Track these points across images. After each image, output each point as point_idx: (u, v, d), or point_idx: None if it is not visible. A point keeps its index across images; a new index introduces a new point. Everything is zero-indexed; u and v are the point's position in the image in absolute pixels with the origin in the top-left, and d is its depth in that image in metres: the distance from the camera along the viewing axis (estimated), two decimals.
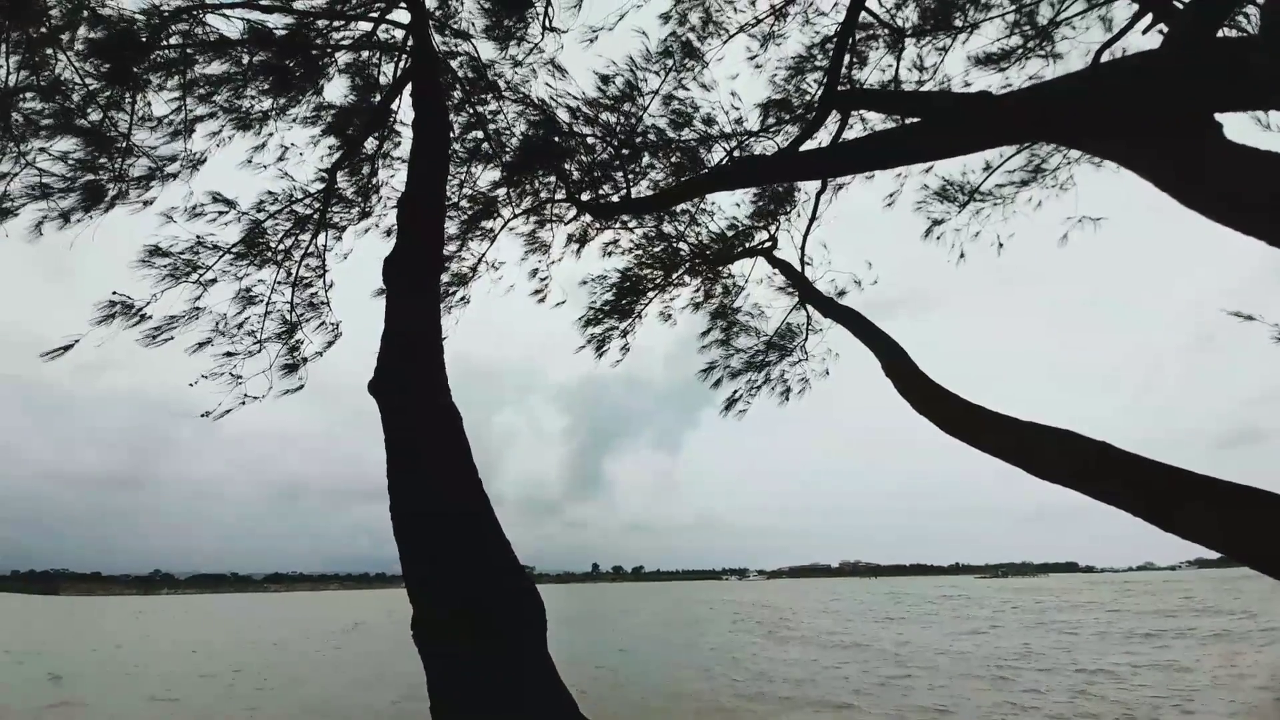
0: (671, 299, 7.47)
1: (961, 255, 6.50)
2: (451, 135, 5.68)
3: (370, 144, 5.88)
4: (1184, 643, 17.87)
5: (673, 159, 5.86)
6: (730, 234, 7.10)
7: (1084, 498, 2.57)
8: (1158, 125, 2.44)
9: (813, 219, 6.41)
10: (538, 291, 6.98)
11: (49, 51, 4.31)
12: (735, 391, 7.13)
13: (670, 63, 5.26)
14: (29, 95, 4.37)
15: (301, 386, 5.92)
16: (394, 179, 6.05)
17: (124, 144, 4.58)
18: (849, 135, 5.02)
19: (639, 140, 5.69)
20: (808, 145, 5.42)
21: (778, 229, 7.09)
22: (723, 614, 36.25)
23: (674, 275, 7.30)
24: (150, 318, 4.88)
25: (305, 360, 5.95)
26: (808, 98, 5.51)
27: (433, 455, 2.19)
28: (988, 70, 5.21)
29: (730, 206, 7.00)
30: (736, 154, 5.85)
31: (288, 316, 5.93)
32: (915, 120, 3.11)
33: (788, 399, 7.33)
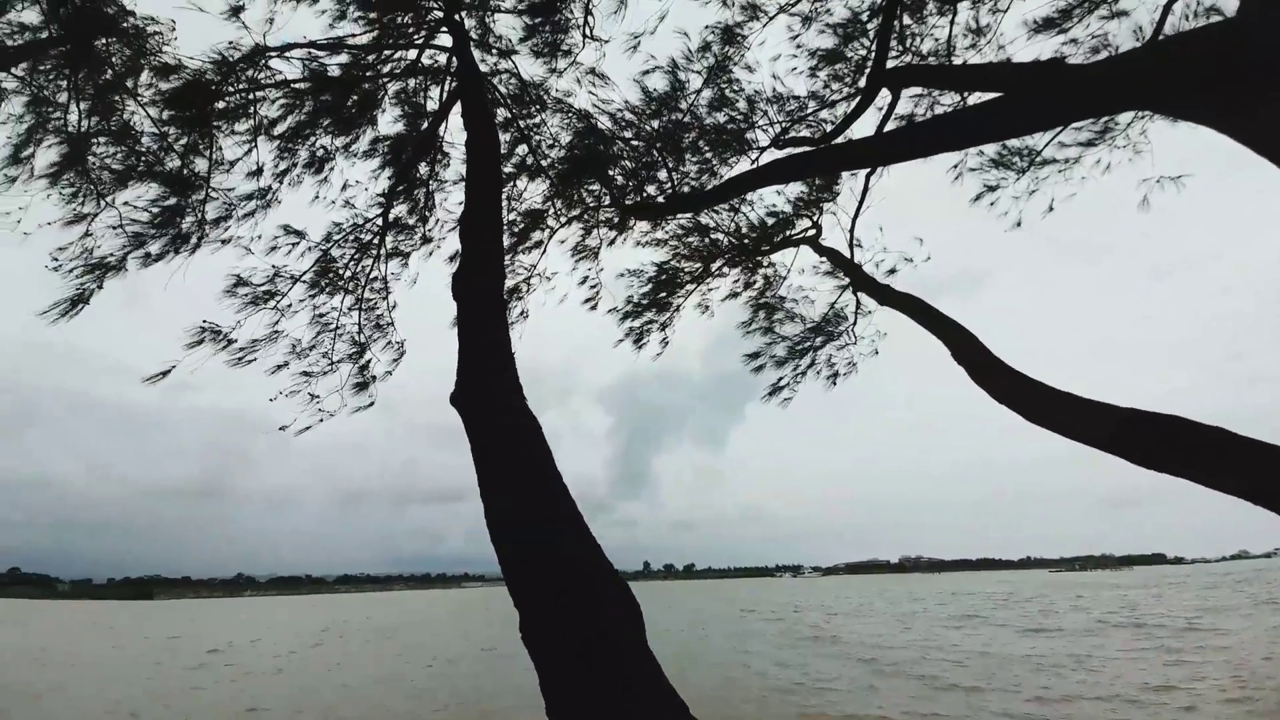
0: (710, 290, 7.43)
1: (1018, 223, 6.14)
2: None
3: (422, 168, 6.08)
4: None
5: (716, 153, 5.82)
6: (771, 223, 6.99)
7: (1169, 482, 2.41)
8: (1256, 90, 2.23)
9: (861, 202, 6.20)
10: (589, 299, 7.06)
11: (117, 98, 4.66)
12: (780, 379, 7.02)
13: (710, 56, 5.21)
14: (102, 140, 4.73)
15: (372, 404, 6.20)
16: (446, 200, 6.25)
17: (204, 189, 4.89)
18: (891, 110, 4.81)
19: (682, 139, 5.68)
20: (854, 126, 5.28)
21: (820, 216, 6.93)
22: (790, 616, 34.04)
23: (712, 267, 7.25)
24: (235, 342, 5.24)
25: (374, 379, 6.24)
26: (854, 76, 5.35)
27: (519, 463, 2.25)
28: (1048, 34, 4.89)
29: (770, 194, 6.89)
30: (781, 142, 5.74)
31: (357, 338, 6.23)
32: (983, 98, 2.94)
33: (835, 383, 7.16)
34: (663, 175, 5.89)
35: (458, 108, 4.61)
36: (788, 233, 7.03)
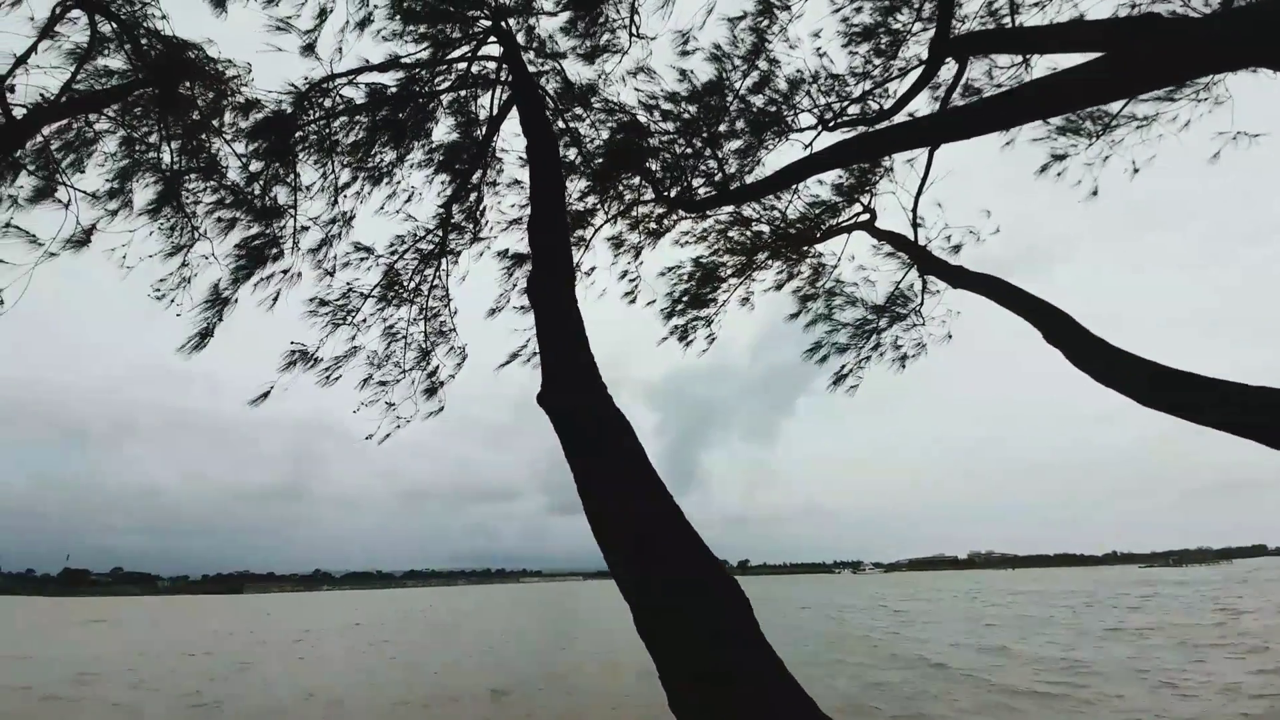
0: (754, 284, 7.27)
1: (1094, 191, 5.67)
2: None
3: (475, 174, 6.23)
4: None
5: (760, 141, 5.67)
6: (817, 212, 6.75)
7: (1272, 469, 2.10)
8: None
9: (924, 180, 5.88)
10: (628, 294, 7.06)
11: (203, 136, 4.99)
12: (844, 366, 6.79)
13: (750, 33, 5.07)
14: (192, 176, 5.09)
15: (442, 408, 6.40)
16: (500, 203, 6.37)
17: (287, 216, 5.18)
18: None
19: (725, 129, 5.56)
20: (911, 100, 5.00)
21: (872, 199, 6.64)
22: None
23: (755, 259, 7.09)
24: (321, 360, 5.55)
25: (441, 384, 6.47)
26: (904, 48, 5.08)
27: (614, 460, 2.28)
28: None
29: (812, 181, 6.65)
30: (832, 124, 5.53)
31: (423, 345, 6.47)
32: (1063, 66, 2.71)
33: (904, 365, 6.86)
34: (706, 167, 5.80)
35: (511, 113, 4.67)
36: (837, 219, 6.78)
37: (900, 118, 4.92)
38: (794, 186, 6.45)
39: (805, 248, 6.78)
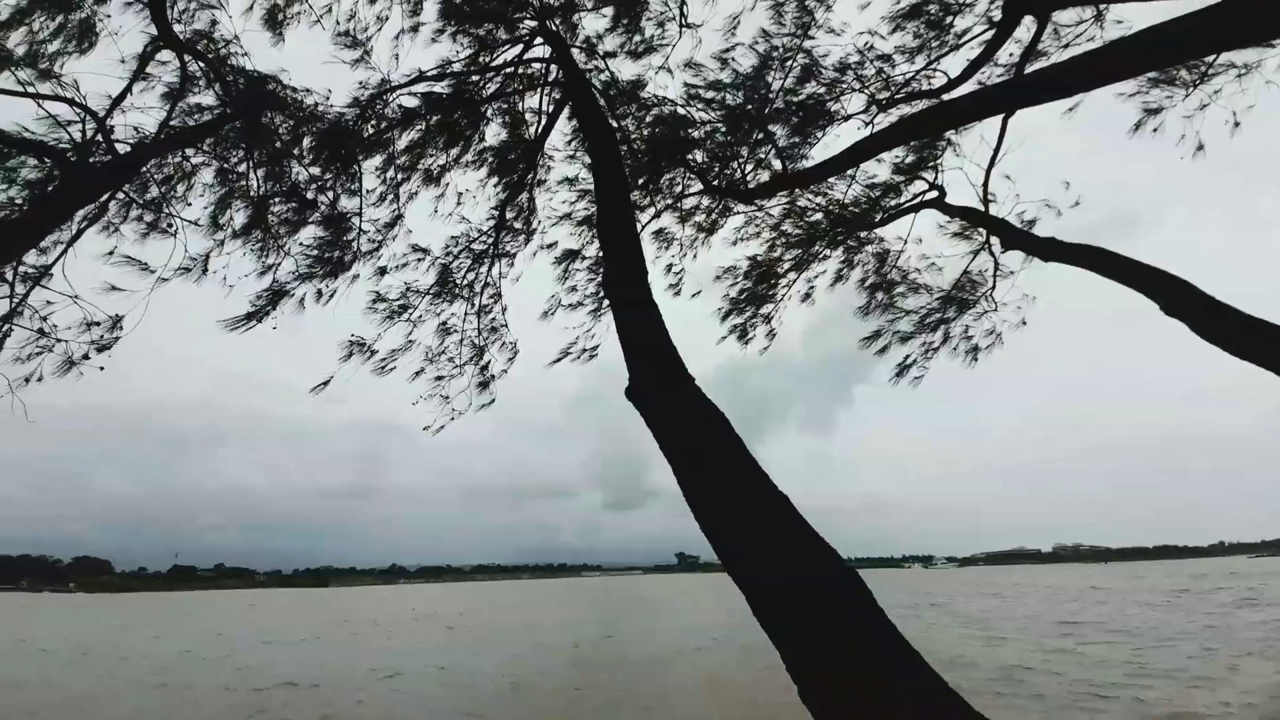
0: (815, 276, 7.04)
1: (1200, 147, 5.13)
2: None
3: (528, 174, 6.34)
4: None
5: (813, 126, 5.47)
6: (877, 194, 6.44)
7: None
8: None
9: (997, 151, 5.52)
10: (672, 286, 7.00)
11: (284, 162, 5.35)
12: (907, 357, 6.47)
13: (800, 19, 4.90)
14: (276, 199, 5.48)
15: (494, 401, 6.64)
16: (552, 200, 6.47)
17: (358, 223, 5.48)
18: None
19: (774, 114, 5.40)
20: (981, 67, 4.67)
21: (939, 175, 6.27)
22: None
23: (814, 250, 6.86)
24: (377, 353, 5.86)
25: (494, 378, 6.67)
26: (967, 19, 4.75)
27: (713, 450, 2.28)
28: None
29: (870, 162, 6.35)
30: (889, 101, 5.27)
31: (476, 341, 6.69)
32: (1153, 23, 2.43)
33: (976, 357, 6.46)
34: (755, 156, 5.66)
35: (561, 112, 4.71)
36: (899, 201, 6.46)
37: (967, 87, 4.62)
38: (851, 171, 6.22)
39: (866, 233, 6.51)
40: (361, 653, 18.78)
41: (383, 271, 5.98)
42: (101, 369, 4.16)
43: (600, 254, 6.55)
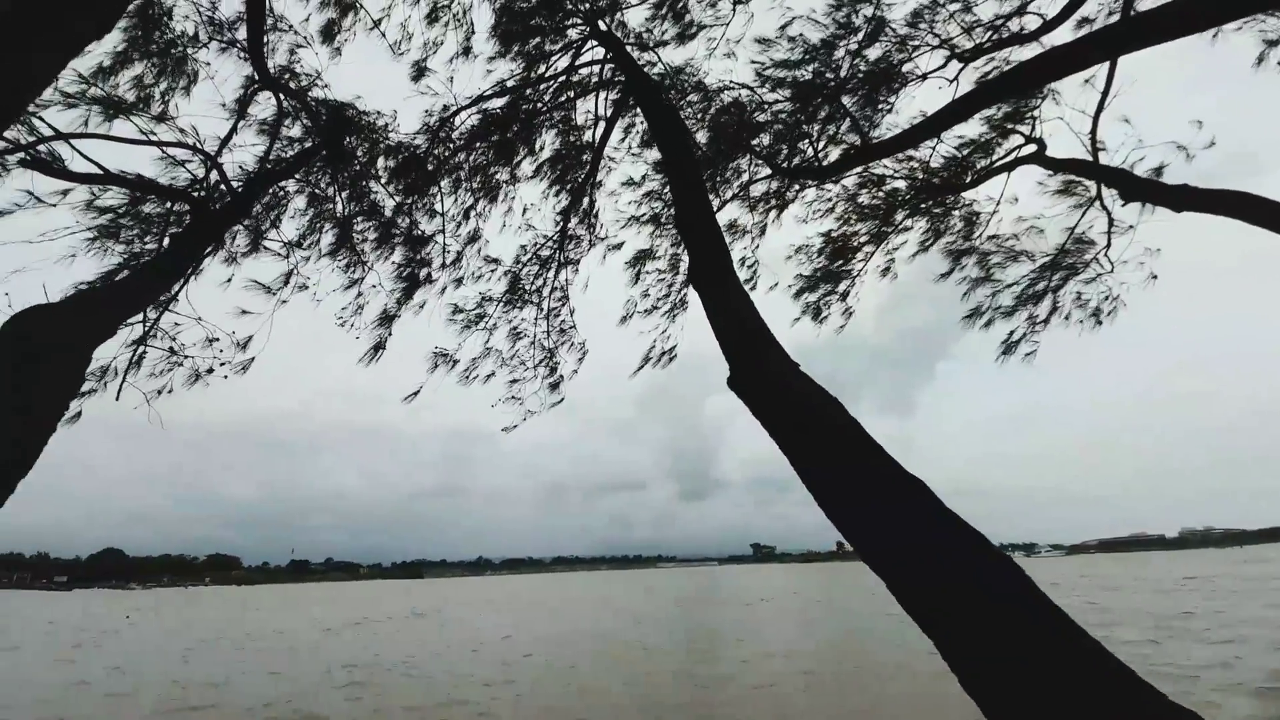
0: (894, 248, 6.59)
1: None
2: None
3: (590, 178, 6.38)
4: None
5: (888, 89, 5.10)
6: (965, 153, 5.90)
7: None
8: None
9: (1105, 95, 4.92)
10: (746, 281, 6.80)
11: (364, 183, 5.67)
12: (1012, 333, 5.92)
13: None
14: (358, 219, 5.82)
15: (562, 400, 6.77)
16: (617, 201, 6.48)
17: (439, 240, 5.76)
18: None
19: (845, 84, 5.08)
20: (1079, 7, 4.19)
21: (1035, 128, 5.67)
22: None
23: (894, 220, 6.41)
24: (460, 362, 6.11)
25: (563, 378, 6.80)
26: None
27: (832, 435, 2.17)
28: None
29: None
30: (973, 54, 4.81)
31: (545, 344, 6.83)
32: None
33: (1099, 322, 5.82)
34: (828, 131, 5.36)
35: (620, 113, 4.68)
36: (990, 159, 5.90)
37: (1066, 29, 4.12)
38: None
39: (953, 197, 6.01)
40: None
41: (459, 282, 6.24)
42: (225, 377, 4.62)
43: (673, 250, 6.52)
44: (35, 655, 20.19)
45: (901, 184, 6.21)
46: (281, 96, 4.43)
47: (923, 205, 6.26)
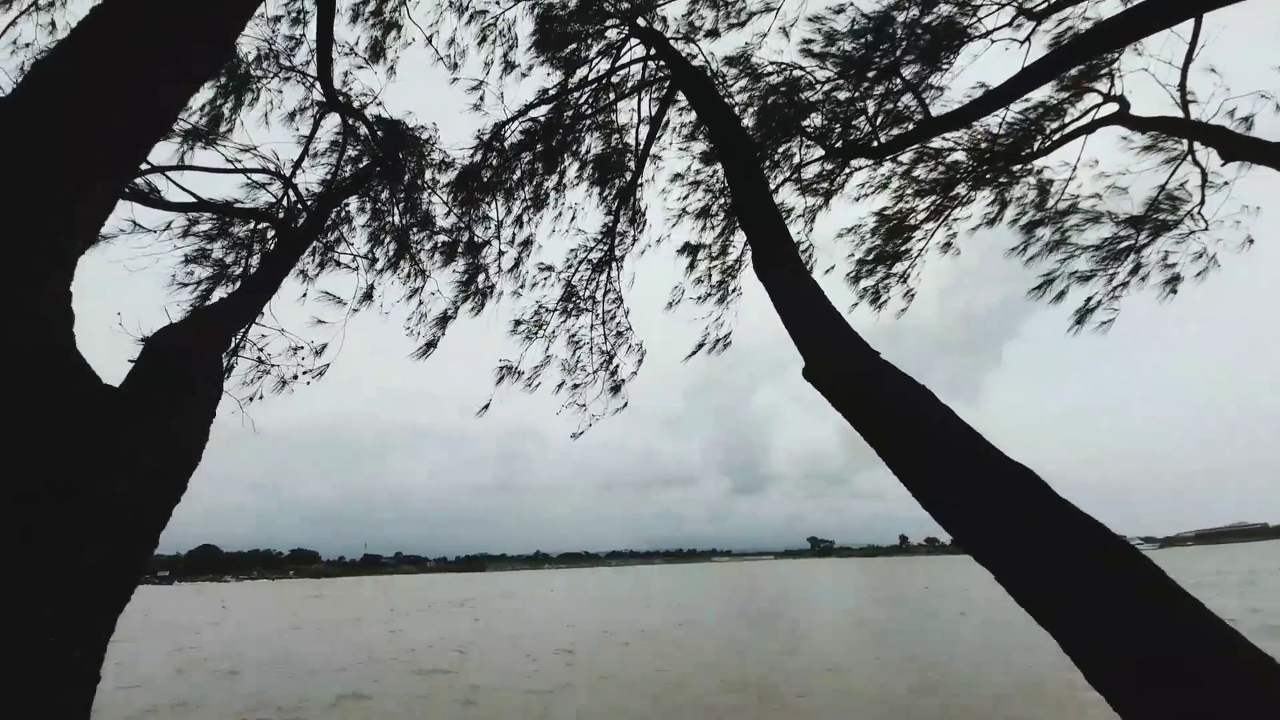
0: (956, 221, 6.21)
1: None
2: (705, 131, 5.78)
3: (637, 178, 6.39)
4: None
5: (951, 48, 4.80)
6: (1035, 115, 5.48)
7: None
8: None
9: (1193, 45, 4.48)
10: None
11: (418, 196, 5.89)
12: (1089, 299, 5.46)
13: None
14: (414, 229, 6.05)
15: (626, 404, 6.78)
16: (665, 199, 6.46)
17: (485, 249, 5.94)
18: None
19: (902, 54, 4.82)
20: None
21: (1113, 85, 5.20)
22: None
23: (955, 193, 6.04)
24: (524, 373, 6.27)
25: (624, 381, 6.82)
26: None
27: (926, 426, 2.07)
28: None
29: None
30: (1040, 7, 4.47)
31: (603, 348, 6.88)
32: None
33: (1175, 289, 5.29)
34: (885, 107, 5.12)
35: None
36: (1064, 121, 5.46)
37: None
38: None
39: (1021, 166, 5.61)
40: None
41: (517, 293, 6.39)
42: (307, 384, 4.94)
43: (722, 240, 6.45)
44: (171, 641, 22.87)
45: (962, 156, 5.85)
46: (347, 118, 4.67)
47: (986, 176, 5.88)
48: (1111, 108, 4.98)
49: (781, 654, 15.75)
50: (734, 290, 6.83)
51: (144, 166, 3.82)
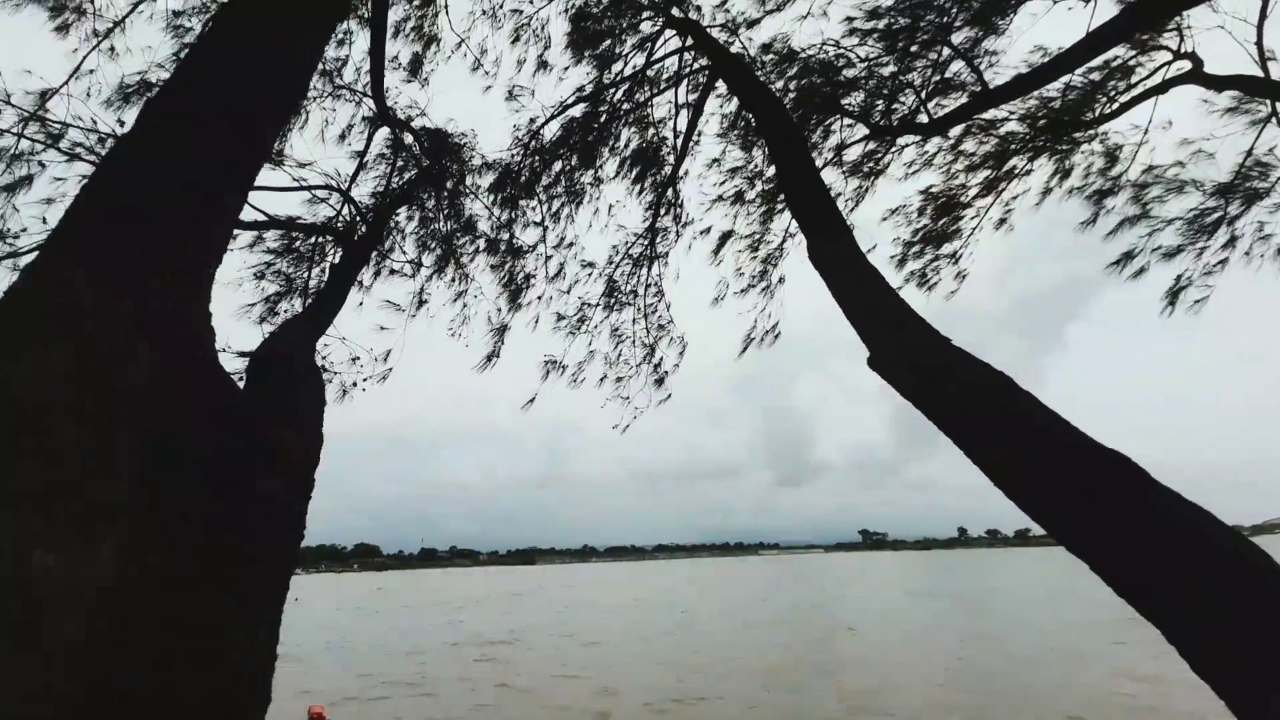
0: (1012, 196, 5.87)
1: None
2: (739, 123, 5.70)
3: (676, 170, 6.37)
4: None
5: (1007, 11, 4.54)
6: (1098, 78, 5.10)
7: None
8: None
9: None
10: None
11: (460, 201, 6.06)
12: (1180, 276, 5.06)
13: None
14: (458, 234, 6.23)
15: (670, 396, 6.83)
16: (702, 185, 6.42)
17: (539, 250, 6.09)
18: None
19: (956, 20, 4.59)
20: None
21: (1182, 42, 4.79)
22: None
23: (1007, 167, 5.70)
24: (568, 367, 6.38)
25: (667, 374, 6.85)
26: None
27: (1008, 413, 1.97)
28: None
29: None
30: None
31: (646, 341, 6.92)
32: None
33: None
34: (933, 78, 4.90)
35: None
36: (1129, 82, 5.07)
37: None
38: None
39: (1082, 133, 5.26)
40: None
41: (561, 291, 6.50)
42: (364, 390, 5.20)
43: (764, 228, 6.35)
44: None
45: (1017, 125, 5.52)
46: (397, 131, 4.87)
47: (1044, 145, 5.53)
48: (1183, 66, 4.58)
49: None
50: (778, 279, 6.73)
51: None
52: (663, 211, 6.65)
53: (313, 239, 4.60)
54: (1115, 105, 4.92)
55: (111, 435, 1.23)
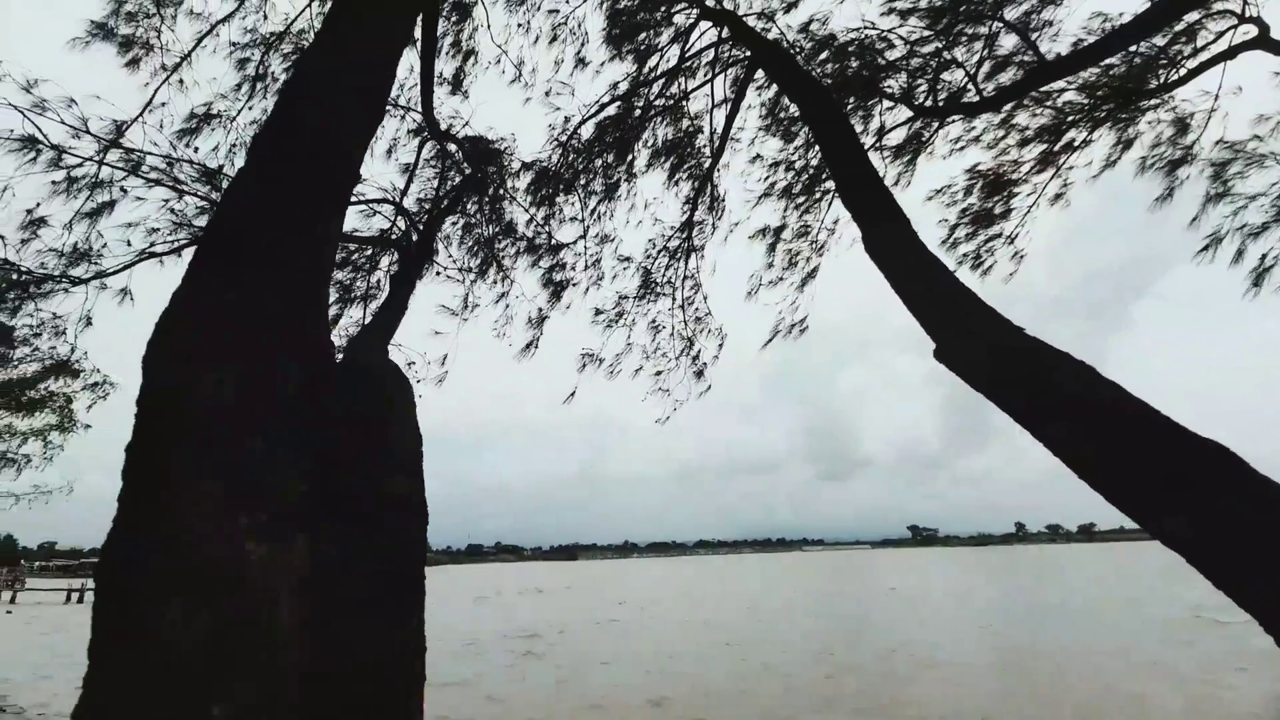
0: (1070, 170, 5.56)
1: None
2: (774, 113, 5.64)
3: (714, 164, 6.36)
4: None
5: None
6: (1160, 45, 4.78)
7: None
8: None
9: None
10: None
11: (500, 205, 6.23)
12: (1264, 257, 4.72)
13: None
14: (499, 238, 6.40)
15: (710, 388, 6.82)
16: (745, 181, 6.39)
17: (578, 248, 6.21)
18: None
19: None
20: None
21: (1245, 5, 4.44)
22: None
23: (1063, 140, 5.40)
24: (605, 359, 6.48)
25: (706, 365, 6.84)
26: None
27: (1090, 403, 1.90)
28: None
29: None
30: None
31: (684, 334, 6.93)
32: None
33: None
34: (982, 52, 4.71)
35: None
36: (1194, 46, 4.74)
37: None
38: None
39: (1145, 102, 4.96)
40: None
41: (598, 284, 6.59)
42: (420, 396, 5.46)
43: (802, 220, 6.27)
44: None
45: (1075, 95, 5.23)
46: (444, 142, 5.07)
47: (1106, 115, 5.22)
48: (1249, 31, 4.25)
49: None
50: (815, 271, 6.63)
51: None
52: (701, 204, 6.64)
53: (369, 250, 4.84)
54: (1181, 72, 4.62)
55: (283, 442, 1.39)
